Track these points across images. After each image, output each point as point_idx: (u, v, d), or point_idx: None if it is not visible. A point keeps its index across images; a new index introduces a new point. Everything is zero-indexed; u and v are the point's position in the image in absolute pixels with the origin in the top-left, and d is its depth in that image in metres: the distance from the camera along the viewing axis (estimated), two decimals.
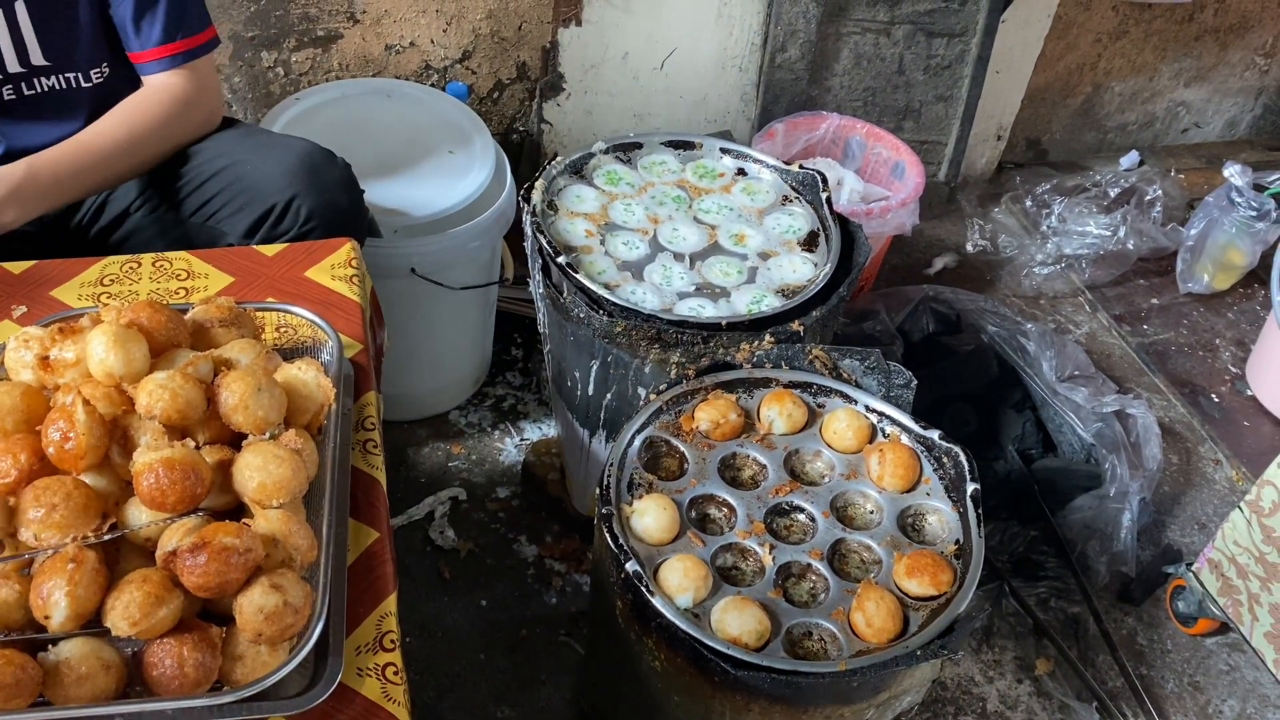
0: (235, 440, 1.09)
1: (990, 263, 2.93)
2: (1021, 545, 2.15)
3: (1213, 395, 2.63)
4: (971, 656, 2.00)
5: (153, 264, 1.43)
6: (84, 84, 1.57)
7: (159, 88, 1.59)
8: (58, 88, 1.54)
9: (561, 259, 1.60)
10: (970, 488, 1.34)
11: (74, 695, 0.92)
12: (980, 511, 1.33)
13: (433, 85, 2.49)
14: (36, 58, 1.51)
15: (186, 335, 1.17)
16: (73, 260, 1.43)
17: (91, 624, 0.96)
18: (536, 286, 1.73)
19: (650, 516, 1.30)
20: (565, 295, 1.63)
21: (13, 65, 1.49)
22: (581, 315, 1.59)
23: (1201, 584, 2.02)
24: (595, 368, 1.66)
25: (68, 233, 1.64)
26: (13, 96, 1.52)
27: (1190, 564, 2.06)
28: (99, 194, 1.62)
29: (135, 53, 1.58)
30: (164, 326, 1.14)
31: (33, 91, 1.53)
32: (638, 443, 1.41)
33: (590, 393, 1.71)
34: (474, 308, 2.20)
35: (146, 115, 1.56)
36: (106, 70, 1.59)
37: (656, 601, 1.21)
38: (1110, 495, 2.13)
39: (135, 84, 1.62)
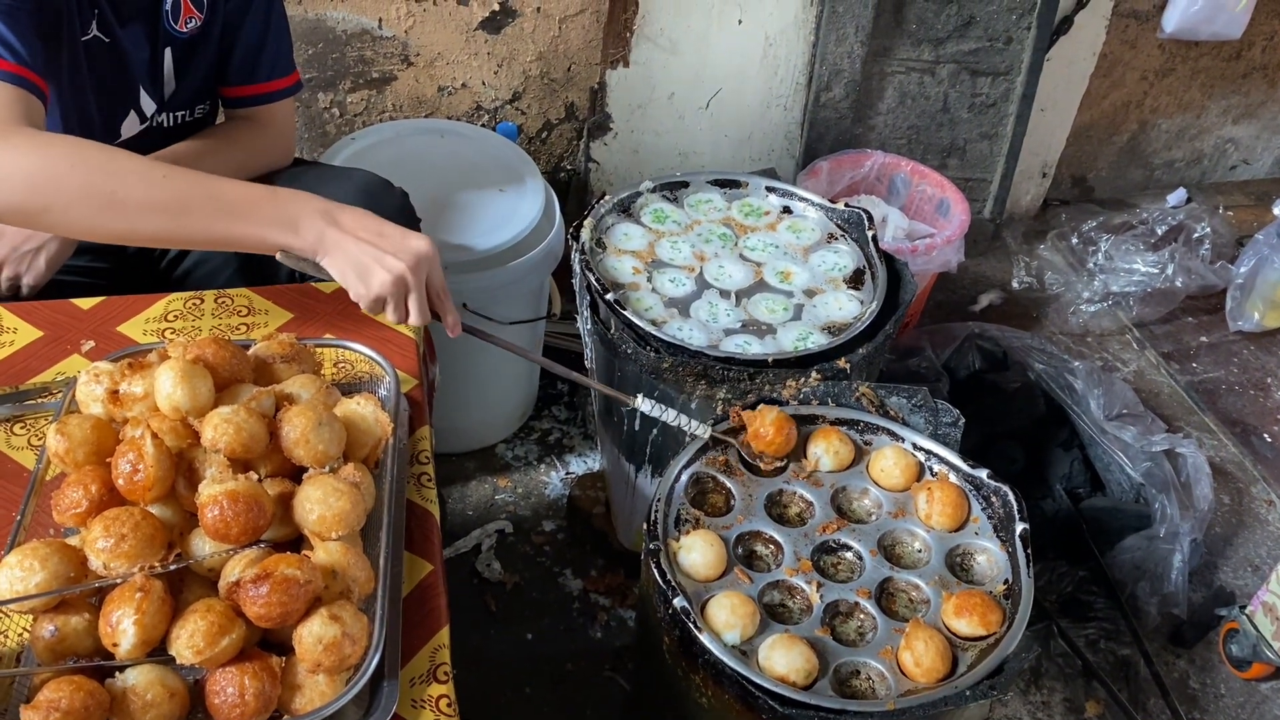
0: (296, 473, 1.12)
1: (1036, 300, 2.92)
2: (1070, 585, 2.13)
3: (1265, 435, 2.59)
4: (1020, 698, 1.98)
5: (215, 300, 1.47)
6: (187, 119, 1.63)
7: (246, 119, 1.67)
8: (165, 124, 1.61)
9: (610, 296, 1.63)
10: (1019, 527, 1.34)
11: None
12: (1029, 551, 1.32)
13: (484, 125, 2.54)
14: (168, 95, 1.58)
15: (249, 370, 1.20)
16: (138, 296, 1.47)
17: (157, 652, 0.98)
18: (585, 322, 1.76)
19: (697, 552, 1.31)
20: (613, 331, 1.65)
21: (149, 108, 1.56)
22: (629, 351, 1.61)
23: (1255, 627, 1.98)
24: None
25: (139, 266, 1.70)
26: (134, 133, 1.58)
27: (1244, 606, 2.03)
28: None
29: (236, 88, 1.65)
30: (228, 362, 1.17)
31: (154, 126, 1.60)
32: (684, 478, 1.42)
33: (636, 428, 1.73)
34: (522, 342, 2.23)
35: (229, 140, 1.64)
36: (207, 106, 1.67)
37: (704, 638, 1.21)
38: (1160, 535, 2.10)
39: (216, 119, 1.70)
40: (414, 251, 1.29)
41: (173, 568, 1.02)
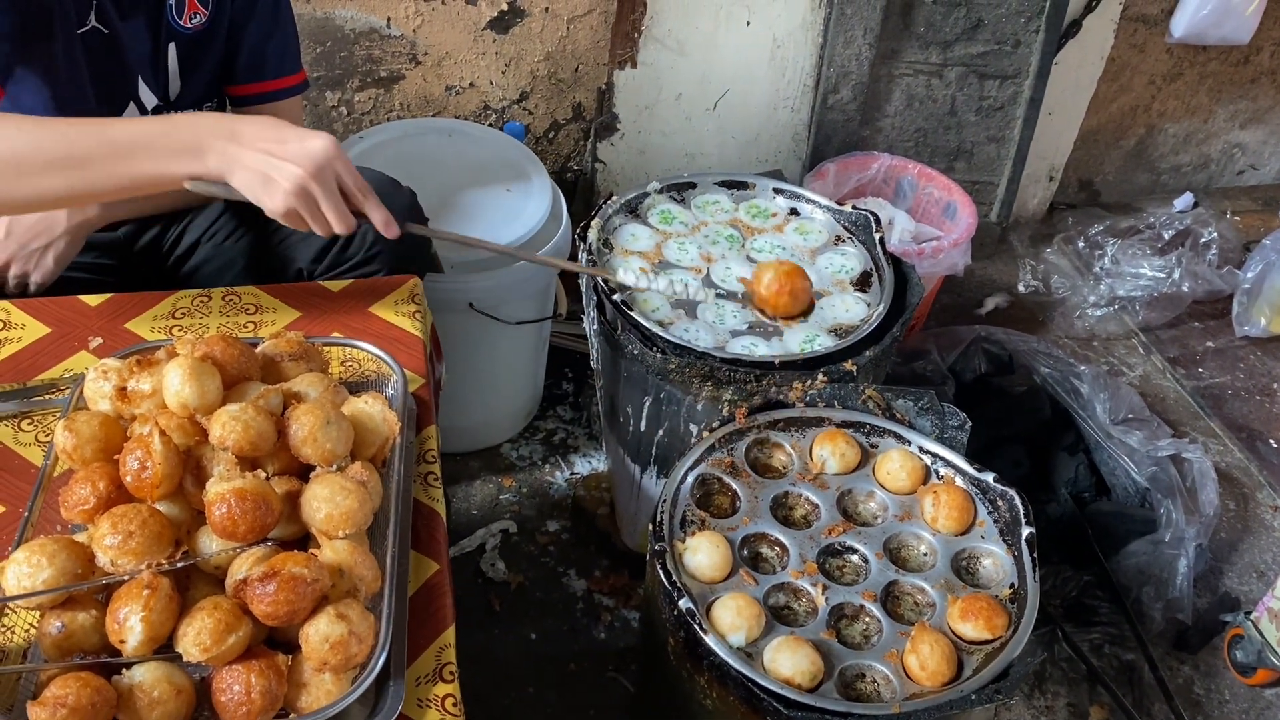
0: (303, 472, 1.12)
1: (1042, 303, 2.92)
2: (1075, 590, 2.12)
3: (1271, 440, 2.59)
4: (1024, 702, 1.98)
5: (222, 298, 1.47)
6: None
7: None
8: None
9: (616, 296, 1.63)
10: (1025, 531, 1.34)
11: (146, 718, 0.94)
12: (1035, 556, 1.32)
13: (491, 125, 2.54)
14: (175, 94, 1.58)
15: (257, 368, 1.20)
16: (146, 294, 1.48)
17: (163, 649, 0.98)
18: (591, 323, 1.75)
19: (703, 554, 1.31)
20: (619, 332, 1.65)
21: (150, 102, 1.56)
22: (635, 352, 1.61)
23: (1261, 633, 1.98)
24: (648, 404, 1.68)
25: (147, 263, 1.70)
26: None
27: (1249, 612, 2.02)
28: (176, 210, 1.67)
29: (243, 86, 1.65)
30: (236, 360, 1.17)
31: None
32: (690, 480, 1.42)
33: (642, 428, 1.73)
34: (528, 342, 2.24)
35: None
36: (214, 105, 1.66)
37: (709, 639, 1.21)
38: (1165, 540, 2.10)
39: None
40: (311, 155, 1.20)
41: (180, 565, 1.02)
